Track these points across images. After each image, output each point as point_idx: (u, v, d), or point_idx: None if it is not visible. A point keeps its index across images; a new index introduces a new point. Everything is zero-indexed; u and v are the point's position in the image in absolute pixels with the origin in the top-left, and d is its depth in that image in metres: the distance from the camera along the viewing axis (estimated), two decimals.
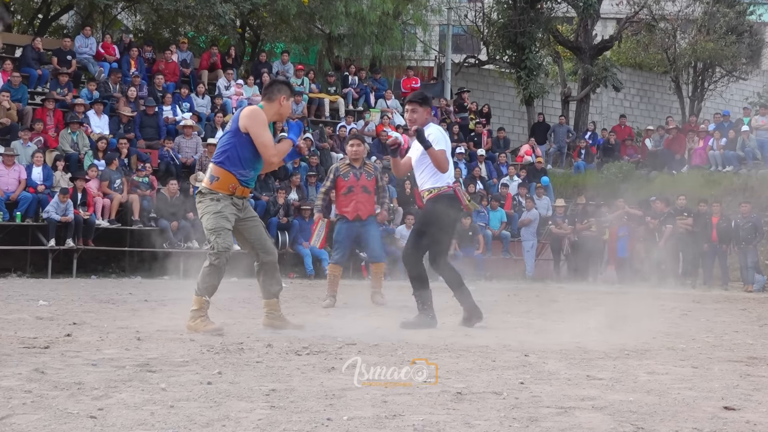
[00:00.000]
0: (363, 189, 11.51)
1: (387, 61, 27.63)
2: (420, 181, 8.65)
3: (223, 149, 7.53)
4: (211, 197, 7.51)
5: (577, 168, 26.21)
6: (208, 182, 7.55)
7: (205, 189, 7.55)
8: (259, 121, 7.45)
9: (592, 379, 5.42)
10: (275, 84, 7.73)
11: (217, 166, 7.51)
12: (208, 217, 7.47)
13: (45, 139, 19.05)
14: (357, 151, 11.52)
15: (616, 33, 31.30)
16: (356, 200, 11.41)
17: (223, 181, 7.49)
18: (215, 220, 7.43)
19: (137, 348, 6.40)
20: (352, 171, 11.52)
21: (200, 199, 7.59)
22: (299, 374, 5.35)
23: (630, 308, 12.37)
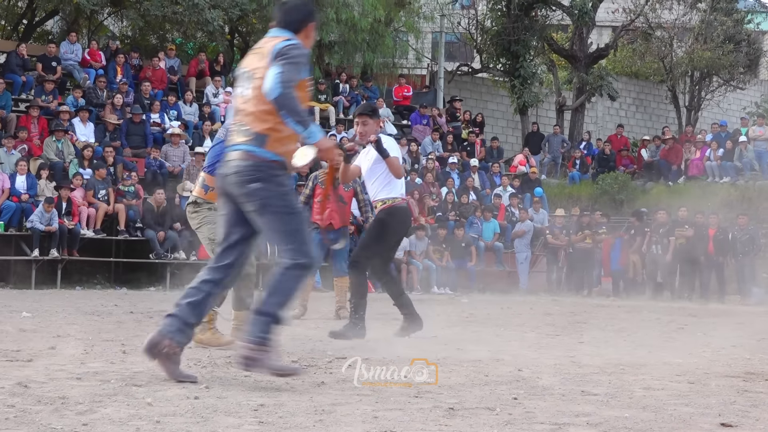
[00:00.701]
0: (338, 198, 11.53)
1: (378, 68, 27.64)
2: (372, 192, 8.78)
3: (215, 158, 7.45)
4: (207, 207, 7.54)
5: (571, 179, 26.25)
6: (203, 192, 7.57)
7: (200, 199, 7.59)
8: None
9: (586, 395, 5.43)
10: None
11: (210, 176, 7.45)
12: (209, 228, 7.46)
13: (29, 147, 19.04)
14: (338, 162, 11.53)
15: (612, 41, 31.38)
16: (330, 209, 11.41)
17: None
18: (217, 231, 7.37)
19: (123, 361, 6.39)
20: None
21: (195, 209, 7.61)
22: (288, 389, 5.34)
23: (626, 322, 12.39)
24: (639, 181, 25.72)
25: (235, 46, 27.90)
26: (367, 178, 8.76)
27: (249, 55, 5.65)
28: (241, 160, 5.37)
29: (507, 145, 30.38)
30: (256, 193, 5.32)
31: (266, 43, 5.58)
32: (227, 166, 5.46)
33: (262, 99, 5.35)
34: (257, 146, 5.36)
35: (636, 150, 28.04)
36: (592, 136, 29.78)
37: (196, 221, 7.61)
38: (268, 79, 5.27)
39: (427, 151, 24.47)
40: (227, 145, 5.67)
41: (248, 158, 5.35)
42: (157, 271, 18.58)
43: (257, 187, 5.31)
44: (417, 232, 20.47)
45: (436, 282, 20.26)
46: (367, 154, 8.75)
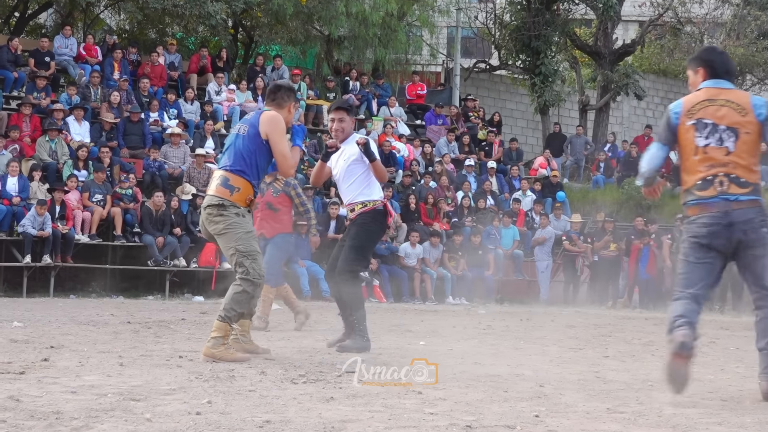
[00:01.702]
0: (267, 205, 11.34)
1: (391, 65, 27.65)
2: (349, 194, 8.61)
3: (241, 155, 7.41)
4: (235, 212, 7.35)
5: (595, 182, 26.21)
6: (228, 193, 7.35)
7: (227, 201, 7.35)
8: (280, 129, 7.43)
9: (612, 413, 5.41)
10: (283, 89, 7.72)
11: (236, 176, 7.38)
12: (238, 236, 7.32)
13: (21, 147, 19.08)
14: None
15: (639, 37, 31.34)
16: (259, 217, 11.19)
17: (244, 192, 7.39)
18: (247, 242, 7.34)
19: (120, 374, 6.40)
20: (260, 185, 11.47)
21: (221, 212, 7.35)
22: (295, 404, 5.34)
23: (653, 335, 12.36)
24: (667, 185, 25.59)
25: (239, 41, 27.97)
26: (343, 179, 8.60)
27: (711, 106, 6.18)
28: (751, 208, 6.09)
29: (527, 147, 30.37)
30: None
31: (730, 95, 6.20)
32: (736, 215, 6.10)
33: (751, 152, 6.13)
34: (758, 195, 6.15)
35: None
36: (618, 137, 29.72)
37: (221, 226, 7.35)
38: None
39: (441, 153, 24.46)
40: None
41: (756, 205, 6.11)
42: (155, 279, 18.61)
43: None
44: (431, 239, 20.48)
45: (451, 292, 20.25)
46: (341, 154, 8.60)
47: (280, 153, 7.41)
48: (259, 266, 7.33)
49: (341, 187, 8.70)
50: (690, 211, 6.41)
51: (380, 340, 9.71)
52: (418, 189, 22.20)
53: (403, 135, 24.53)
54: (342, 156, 8.58)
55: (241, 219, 7.33)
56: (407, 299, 19.59)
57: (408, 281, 20.05)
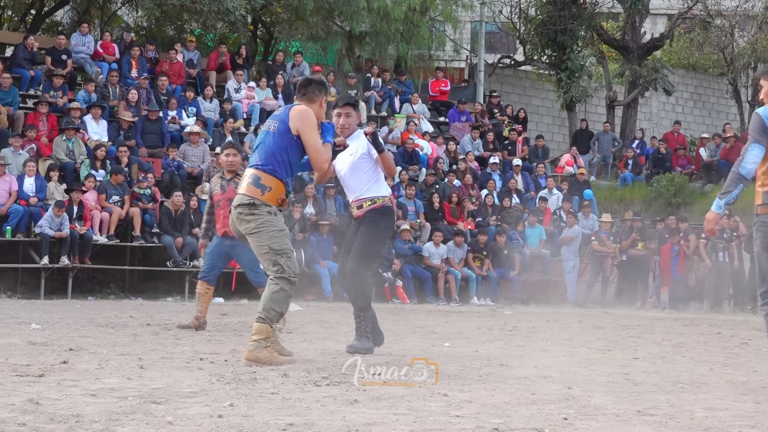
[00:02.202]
0: (229, 202, 11.02)
1: (413, 61, 27.65)
2: (356, 190, 8.50)
3: (272, 153, 7.39)
4: (267, 210, 7.32)
5: (623, 180, 26.14)
6: (259, 192, 7.33)
7: (258, 200, 7.33)
8: (311, 123, 7.38)
9: (643, 415, 5.40)
10: (314, 84, 7.69)
11: (268, 175, 7.36)
12: (271, 235, 7.29)
13: (38, 146, 19.18)
14: (232, 162, 11.24)
15: (668, 31, 31.22)
16: (223, 215, 11.02)
17: (276, 192, 7.37)
18: (281, 240, 7.32)
19: (140, 377, 6.43)
20: (221, 183, 11.31)
21: (252, 211, 7.33)
22: (319, 407, 5.35)
23: (684, 336, 12.33)
24: (697, 182, 25.56)
25: (258, 38, 28.02)
26: (350, 175, 8.49)
27: None
28: None
29: (553, 144, 30.31)
30: None
31: None
32: None
33: None
34: None
35: (694, 149, 27.87)
36: (646, 133, 29.62)
37: (253, 225, 7.32)
38: None
39: (465, 151, 24.44)
40: None
41: None
42: (174, 280, 18.66)
43: None
44: (455, 238, 20.48)
45: (476, 292, 20.24)
46: (347, 150, 8.50)
47: (312, 147, 7.37)
48: (294, 264, 7.32)
49: (347, 183, 8.59)
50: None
51: (404, 341, 9.72)
52: (441, 188, 22.20)
53: (426, 132, 24.52)
54: (347, 151, 8.49)
55: (273, 218, 7.31)
56: (431, 300, 19.59)
57: (432, 282, 20.05)
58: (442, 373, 7.00)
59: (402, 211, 20.81)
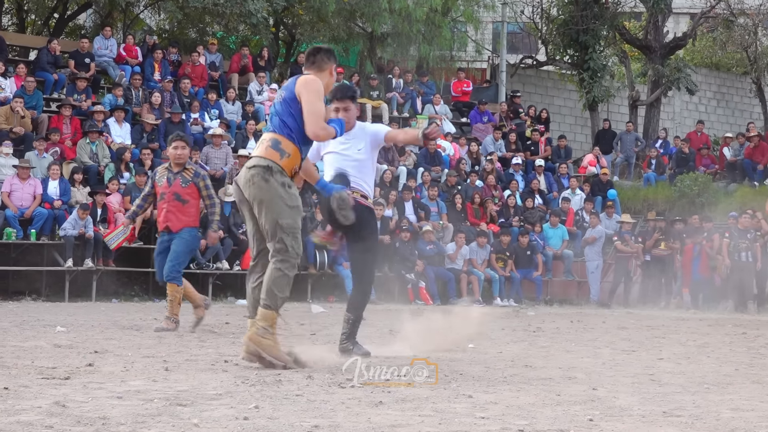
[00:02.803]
0: (174, 196, 10.94)
1: (435, 62, 27.64)
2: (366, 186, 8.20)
3: (284, 121, 7.13)
4: (282, 182, 6.99)
5: (646, 180, 26.06)
6: (278, 156, 7.02)
7: (276, 166, 7.00)
8: (314, 89, 7.07)
9: (669, 416, 5.38)
10: (322, 51, 7.46)
11: (287, 139, 7.09)
12: (280, 209, 6.96)
13: (62, 149, 19.27)
14: (181, 155, 11.01)
15: (690, 30, 31.10)
16: (166, 209, 10.91)
17: (293, 159, 7.10)
18: (293, 218, 7.01)
19: (165, 379, 6.45)
20: (167, 175, 11.04)
21: (267, 177, 6.97)
22: (344, 409, 5.35)
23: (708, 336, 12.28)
24: (721, 182, 25.46)
25: (280, 40, 28.06)
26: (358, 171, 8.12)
27: None
28: None
29: (575, 144, 30.24)
30: None
31: None
32: None
33: None
34: None
35: (717, 148, 27.76)
36: (669, 133, 29.53)
37: (264, 194, 6.97)
38: None
39: (488, 151, 24.42)
40: None
41: None
42: (198, 282, 18.68)
43: None
44: (478, 239, 20.46)
45: (499, 293, 20.22)
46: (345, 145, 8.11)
47: (308, 112, 7.02)
48: (299, 245, 7.02)
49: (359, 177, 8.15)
50: None
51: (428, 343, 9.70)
52: (464, 188, 22.17)
53: (448, 133, 24.51)
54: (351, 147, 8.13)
55: (287, 191, 6.98)
56: (454, 301, 19.57)
57: (455, 282, 20.03)
58: (466, 375, 7.00)
59: (424, 212, 20.82)
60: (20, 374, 6.53)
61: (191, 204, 11.09)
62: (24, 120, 19.24)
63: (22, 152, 18.80)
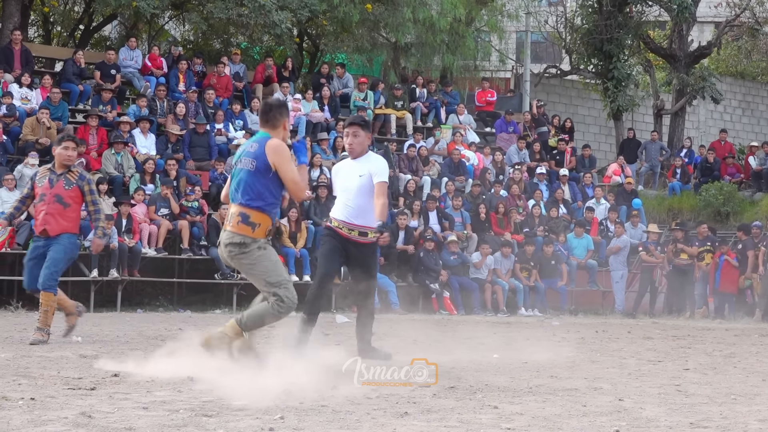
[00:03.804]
0: (56, 199, 10.46)
1: (459, 72, 27.61)
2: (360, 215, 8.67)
3: (257, 191, 7.64)
4: (257, 246, 7.63)
5: (671, 189, 25.97)
6: (250, 230, 7.62)
7: (248, 239, 7.63)
8: (287, 157, 7.63)
9: (696, 428, 5.36)
10: (274, 108, 7.86)
11: (257, 212, 7.64)
12: (265, 268, 7.62)
13: (87, 160, 19.34)
14: (70, 156, 10.64)
15: (715, 38, 30.99)
16: (45, 211, 10.42)
17: (264, 226, 7.68)
18: (275, 272, 7.64)
19: (191, 390, 6.46)
20: (49, 176, 10.63)
21: (242, 250, 7.63)
22: (369, 420, 5.35)
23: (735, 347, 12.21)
24: (746, 191, 25.34)
25: (305, 50, 28.12)
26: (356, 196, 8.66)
27: None
28: None
29: (600, 154, 30.16)
30: None
31: None
32: None
33: None
34: None
35: (743, 157, 27.64)
36: (694, 142, 29.41)
37: (246, 262, 7.66)
38: None
39: (512, 161, 24.39)
40: None
41: None
42: (222, 293, 18.75)
43: None
44: (502, 249, 20.42)
45: (523, 303, 20.16)
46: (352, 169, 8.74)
47: (290, 180, 7.61)
48: (291, 293, 7.60)
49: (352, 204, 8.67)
50: None
51: (452, 353, 9.69)
52: (488, 198, 22.13)
53: (472, 143, 24.48)
54: (356, 171, 8.67)
55: (264, 252, 7.63)
56: (478, 311, 19.52)
57: (479, 293, 19.99)
58: (491, 385, 6.98)
59: (449, 222, 20.81)
60: (46, 384, 6.56)
61: (73, 208, 10.61)
62: (50, 131, 19.32)
63: (47, 163, 18.84)
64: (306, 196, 8.06)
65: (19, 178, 17.98)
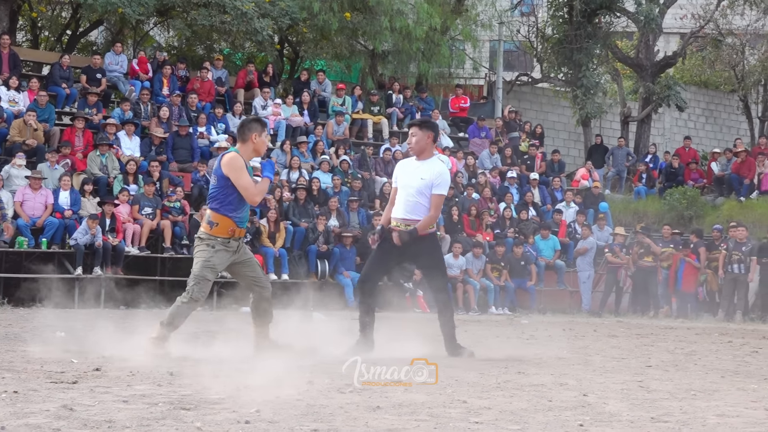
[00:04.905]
0: None
1: (434, 79, 27.66)
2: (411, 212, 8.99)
3: (215, 195, 8.43)
4: (207, 242, 8.42)
5: (637, 193, 26.06)
6: (208, 228, 8.42)
7: (204, 234, 8.44)
8: (236, 167, 8.32)
9: (657, 422, 5.38)
10: (245, 124, 8.61)
11: (214, 212, 8.41)
12: (199, 262, 8.44)
13: (73, 161, 19.27)
14: None
15: (680, 49, 31.11)
16: None
17: (222, 226, 8.39)
18: (201, 269, 8.42)
19: (170, 384, 6.44)
20: None
21: (198, 242, 8.50)
22: (342, 413, 5.34)
23: (696, 345, 12.26)
24: (709, 196, 25.45)
25: (285, 56, 28.08)
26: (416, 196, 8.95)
27: None
28: None
29: (569, 159, 30.23)
30: None
31: None
32: None
33: None
34: None
35: (706, 163, 27.76)
36: (659, 148, 29.51)
37: (196, 251, 8.53)
38: None
39: (485, 165, 24.42)
40: None
41: None
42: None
43: None
44: (474, 250, 20.44)
45: (494, 302, 20.20)
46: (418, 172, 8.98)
47: (241, 187, 8.34)
48: (200, 290, 8.44)
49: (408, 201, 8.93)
50: None
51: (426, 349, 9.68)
52: (461, 201, 22.16)
53: (447, 147, 24.51)
54: (419, 174, 8.94)
55: (210, 249, 8.38)
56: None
57: (451, 292, 20.00)
58: (461, 381, 6.98)
59: None
60: (29, 378, 6.53)
61: None
62: (36, 133, 19.25)
63: (34, 164, 18.83)
64: (258, 201, 8.68)
65: (6, 178, 17.95)
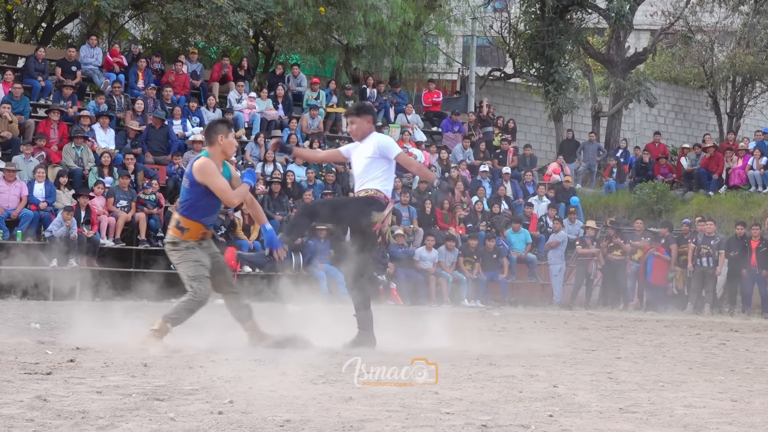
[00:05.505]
0: None
1: (407, 73, 27.66)
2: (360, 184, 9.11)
3: (188, 202, 8.45)
4: (185, 246, 8.46)
5: (607, 188, 26.16)
6: (179, 233, 8.46)
7: (176, 239, 8.49)
8: (210, 172, 8.32)
9: (625, 413, 5.40)
10: (210, 127, 8.67)
11: (185, 218, 8.44)
12: (188, 265, 8.44)
13: (47, 153, 19.16)
14: None
15: (651, 45, 31.25)
16: None
17: (193, 231, 8.46)
18: (195, 268, 8.42)
19: (144, 375, 6.42)
20: None
21: (173, 248, 8.53)
22: (315, 404, 5.34)
23: (664, 337, 12.33)
24: (678, 190, 25.57)
25: (260, 50, 28.01)
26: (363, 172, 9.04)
27: None
28: None
29: (540, 153, 30.31)
30: None
31: None
32: None
33: None
34: None
35: (675, 158, 27.89)
36: (630, 143, 29.65)
37: (175, 257, 8.51)
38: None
39: (457, 159, 24.45)
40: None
41: None
42: (178, 283, 18.53)
43: None
44: (447, 243, 20.47)
45: (466, 295, 20.23)
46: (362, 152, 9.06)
47: (218, 190, 8.34)
48: (204, 287, 8.43)
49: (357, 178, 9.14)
50: None
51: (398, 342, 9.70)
52: (434, 194, 22.18)
53: (420, 142, 24.51)
54: (363, 153, 9.04)
55: (191, 251, 8.44)
56: (423, 302, 19.57)
57: (424, 284, 20.04)
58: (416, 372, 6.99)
59: (396, 216, 20.80)
60: (4, 369, 6.49)
61: None
62: (11, 125, 19.14)
63: (9, 156, 18.71)
64: (236, 204, 8.87)
65: None
